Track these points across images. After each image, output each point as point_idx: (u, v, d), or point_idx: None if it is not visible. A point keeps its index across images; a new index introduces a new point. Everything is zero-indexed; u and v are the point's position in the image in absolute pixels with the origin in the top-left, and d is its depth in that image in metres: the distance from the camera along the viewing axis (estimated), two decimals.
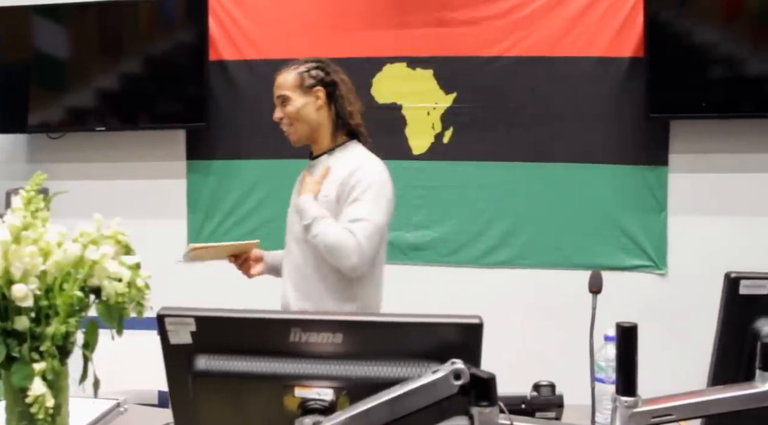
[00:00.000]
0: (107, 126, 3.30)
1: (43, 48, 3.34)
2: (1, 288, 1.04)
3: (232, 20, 3.21)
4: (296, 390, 1.00)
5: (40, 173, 1.14)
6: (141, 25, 3.29)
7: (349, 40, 3.13)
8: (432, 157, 3.11)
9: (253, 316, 1.05)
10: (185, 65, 3.21)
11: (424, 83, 3.09)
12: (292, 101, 2.10)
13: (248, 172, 3.23)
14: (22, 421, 1.13)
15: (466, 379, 0.83)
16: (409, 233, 3.11)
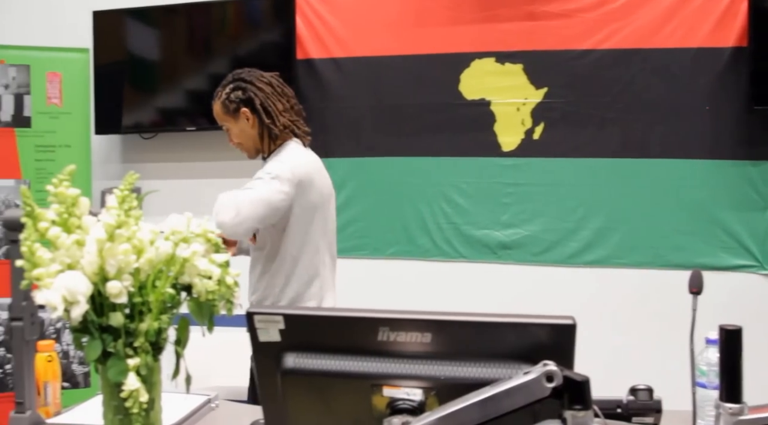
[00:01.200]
0: (197, 126, 3.38)
1: (136, 50, 3.47)
2: (97, 285, 1.06)
3: (320, 19, 3.23)
4: (385, 389, 0.99)
5: (132, 173, 1.17)
6: (229, 26, 3.35)
7: (435, 36, 3.10)
8: (522, 154, 3.03)
9: (340, 315, 1.05)
10: (273, 64, 3.19)
11: (513, 78, 3.02)
12: (232, 129, 2.26)
13: (336, 170, 3.20)
14: (118, 414, 1.16)
15: (558, 381, 0.80)
16: (499, 231, 3.05)
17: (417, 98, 3.12)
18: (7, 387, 3.21)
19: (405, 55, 3.14)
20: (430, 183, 3.12)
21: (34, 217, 1.05)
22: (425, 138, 3.12)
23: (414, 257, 3.16)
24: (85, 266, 1.05)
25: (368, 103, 3.20)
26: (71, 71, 3.32)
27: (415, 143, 3.13)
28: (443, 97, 3.08)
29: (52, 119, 3.29)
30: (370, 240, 3.23)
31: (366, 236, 3.23)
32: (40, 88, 3.27)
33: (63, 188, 1.07)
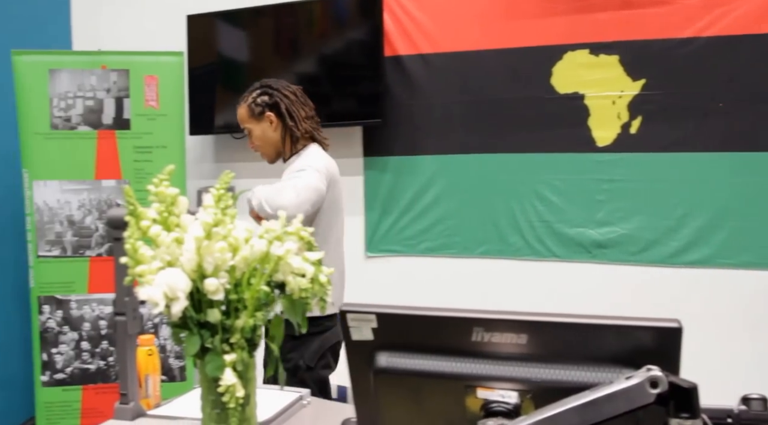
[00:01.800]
0: None
1: (227, 52, 3.56)
2: (195, 282, 1.09)
3: (407, 15, 3.21)
4: (479, 391, 0.97)
5: (228, 172, 1.19)
6: (315, 25, 3.37)
7: (525, 29, 3.02)
8: (618, 149, 2.90)
9: (434, 314, 1.02)
10: (360, 62, 3.24)
11: (608, 70, 2.90)
12: (253, 131, 2.41)
13: (425, 167, 3.22)
14: (215, 409, 1.18)
15: (664, 387, 0.75)
16: (593, 229, 2.94)
17: (507, 93, 3.05)
18: (110, 378, 3.37)
19: (495, 50, 3.07)
20: (521, 180, 3.04)
21: (137, 216, 1.08)
22: (516, 134, 3.05)
23: (505, 256, 3.10)
24: (184, 263, 1.07)
25: (457, 99, 3.15)
26: (167, 74, 3.43)
27: (505, 139, 3.06)
28: (534, 92, 3.00)
29: (149, 120, 3.42)
30: (459, 239, 3.19)
31: (455, 234, 3.19)
32: (139, 92, 3.40)
33: (163, 187, 1.10)
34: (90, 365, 3.36)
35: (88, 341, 3.36)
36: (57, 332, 3.34)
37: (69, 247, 3.36)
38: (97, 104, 3.38)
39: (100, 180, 3.37)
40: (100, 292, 3.37)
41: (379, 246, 3.35)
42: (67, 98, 3.36)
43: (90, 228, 3.37)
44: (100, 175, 3.37)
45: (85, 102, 3.37)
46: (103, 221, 3.38)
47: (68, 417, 3.35)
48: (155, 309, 1.04)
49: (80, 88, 3.37)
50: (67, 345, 3.35)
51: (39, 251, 3.35)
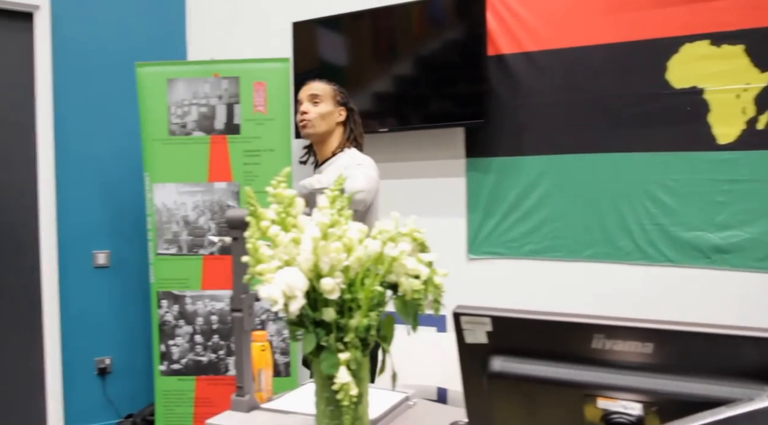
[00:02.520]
0: (388, 127, 3.45)
1: (328, 57, 3.62)
2: (312, 281, 1.11)
3: (511, 12, 3.15)
4: (599, 400, 0.94)
5: (342, 175, 1.21)
6: (415, 26, 3.36)
7: (638, 22, 2.87)
8: (742, 146, 2.69)
9: (552, 319, 1.00)
10: (462, 62, 3.21)
11: (732, 62, 2.70)
12: (323, 104, 2.58)
13: (529, 168, 3.15)
14: (329, 406, 1.21)
15: None
16: (713, 233, 2.75)
17: (617, 90, 2.92)
18: (220, 370, 3.51)
19: (603, 45, 2.95)
20: (632, 181, 2.90)
21: (257, 216, 1.12)
22: (627, 132, 2.91)
23: (614, 260, 2.97)
24: (301, 263, 1.10)
25: (564, 97, 3.06)
26: (274, 80, 3.54)
27: (615, 138, 2.94)
28: (647, 88, 2.85)
29: (257, 125, 3.53)
30: (565, 241, 3.09)
31: (561, 237, 3.10)
32: (248, 98, 3.53)
33: (281, 189, 1.13)
34: (203, 357, 3.51)
35: (201, 334, 3.51)
36: (173, 325, 3.52)
37: (184, 246, 3.53)
38: (210, 111, 3.53)
39: (212, 183, 3.52)
40: (212, 289, 3.52)
41: (482, 248, 3.31)
42: (183, 106, 3.53)
43: (203, 228, 3.53)
44: (212, 178, 3.52)
45: (199, 109, 3.53)
46: (217, 221, 3.52)
47: (183, 405, 3.52)
48: (274, 307, 1.07)
49: (195, 96, 3.53)
50: (182, 337, 3.52)
51: (158, 249, 3.53)
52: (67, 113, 3.77)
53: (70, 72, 3.78)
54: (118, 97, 3.89)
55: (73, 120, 3.79)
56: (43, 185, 3.71)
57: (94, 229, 3.89)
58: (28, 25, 3.70)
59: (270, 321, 3.53)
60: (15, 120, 3.69)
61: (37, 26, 3.69)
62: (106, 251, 3.92)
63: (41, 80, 3.70)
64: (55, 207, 3.74)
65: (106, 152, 3.91)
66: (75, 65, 3.80)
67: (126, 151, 3.91)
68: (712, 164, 2.75)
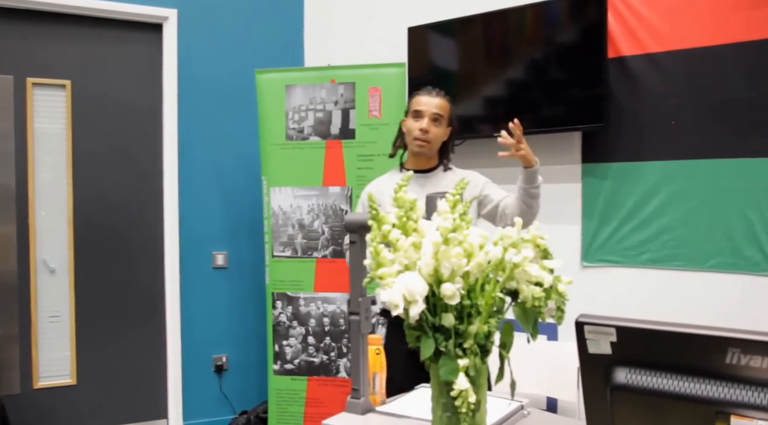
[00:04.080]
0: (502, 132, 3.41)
1: (441, 62, 3.63)
2: (431, 286, 1.11)
3: (633, 12, 3.04)
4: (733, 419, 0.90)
5: (463, 179, 1.21)
6: (529, 30, 3.31)
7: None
8: None
9: (682, 331, 0.96)
10: (579, 65, 3.13)
11: None
12: (443, 127, 2.53)
13: (649, 174, 3.01)
14: (446, 412, 1.20)
15: None
16: None
17: (748, 91, 2.75)
18: (331, 371, 3.58)
19: (733, 44, 2.78)
20: (762, 187, 2.72)
21: (379, 220, 1.14)
22: (755, 136, 2.73)
23: (739, 270, 2.79)
24: (422, 267, 1.10)
25: (688, 100, 2.91)
26: (389, 85, 3.58)
27: (742, 142, 2.76)
28: None
29: (372, 130, 3.59)
30: (686, 250, 2.93)
31: (682, 245, 2.95)
32: (363, 103, 3.59)
33: (402, 193, 1.14)
34: (315, 358, 3.60)
35: (313, 336, 3.60)
36: (287, 326, 3.63)
37: (299, 248, 3.63)
38: (326, 116, 3.62)
39: (327, 187, 3.61)
40: (324, 291, 3.60)
41: (597, 256, 3.20)
42: (300, 111, 3.64)
43: (317, 231, 3.62)
44: (327, 182, 3.61)
45: (315, 114, 3.63)
46: (330, 225, 3.60)
47: (295, 404, 3.62)
48: (395, 311, 1.08)
49: (312, 102, 3.63)
50: (295, 338, 3.62)
51: (274, 251, 3.66)
52: (190, 119, 3.98)
53: (195, 80, 3.99)
54: (238, 104, 4.07)
55: (196, 126, 4.00)
56: (168, 188, 3.94)
57: (213, 231, 4.07)
58: (158, 35, 3.94)
59: (380, 324, 3.57)
60: (144, 126, 3.93)
61: (165, 37, 3.93)
62: (224, 252, 4.09)
63: (168, 88, 3.93)
64: (178, 210, 3.95)
65: (226, 157, 4.09)
66: (199, 73, 4.00)
67: (245, 155, 4.07)
68: None
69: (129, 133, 3.89)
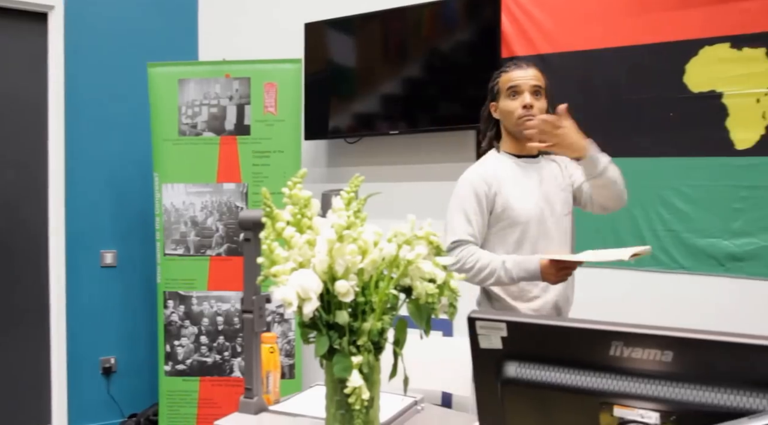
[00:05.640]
0: (399, 130, 3.43)
1: (338, 58, 3.61)
2: (326, 284, 1.10)
3: (525, 14, 3.13)
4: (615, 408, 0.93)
5: (358, 176, 1.20)
6: (426, 28, 3.34)
7: (656, 24, 2.83)
8: (761, 152, 2.64)
9: (569, 325, 0.99)
10: (475, 65, 3.19)
11: (752, 65, 2.64)
12: (543, 99, 2.18)
13: None
14: (340, 409, 1.19)
15: None
16: (728, 240, 2.70)
17: (632, 94, 2.88)
18: (225, 371, 3.50)
19: (620, 47, 2.91)
20: (645, 186, 2.85)
21: (273, 217, 1.11)
22: (640, 137, 2.87)
23: (625, 266, 2.93)
24: (316, 265, 1.08)
25: (579, 101, 3.00)
26: (285, 81, 3.53)
27: (628, 142, 2.89)
28: (664, 92, 2.81)
29: (267, 126, 3.53)
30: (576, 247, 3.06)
31: None
32: (258, 98, 3.53)
33: (297, 190, 1.12)
34: (207, 358, 3.50)
35: (206, 335, 3.51)
36: (179, 325, 3.51)
37: (192, 246, 3.52)
38: (221, 111, 3.53)
39: (221, 183, 3.52)
40: (218, 289, 3.51)
41: None
42: (193, 106, 3.53)
43: (211, 229, 3.52)
44: (221, 178, 3.52)
45: (209, 109, 3.53)
46: (225, 222, 3.51)
47: (187, 405, 3.52)
48: (288, 309, 1.06)
49: (206, 97, 3.53)
50: (187, 338, 3.51)
51: (165, 249, 3.53)
52: (78, 113, 3.78)
53: (82, 72, 3.79)
54: (129, 97, 3.90)
55: (84, 120, 3.81)
56: (53, 185, 3.72)
57: (102, 229, 3.89)
58: (43, 25, 3.71)
59: (276, 322, 3.53)
60: (27, 119, 3.70)
61: (51, 27, 3.71)
62: (113, 250, 3.92)
63: (53, 80, 3.72)
64: (64, 206, 3.75)
65: (115, 152, 3.91)
66: (87, 65, 3.81)
67: (136, 151, 3.91)
68: (730, 169, 2.70)
69: (11, 127, 3.65)
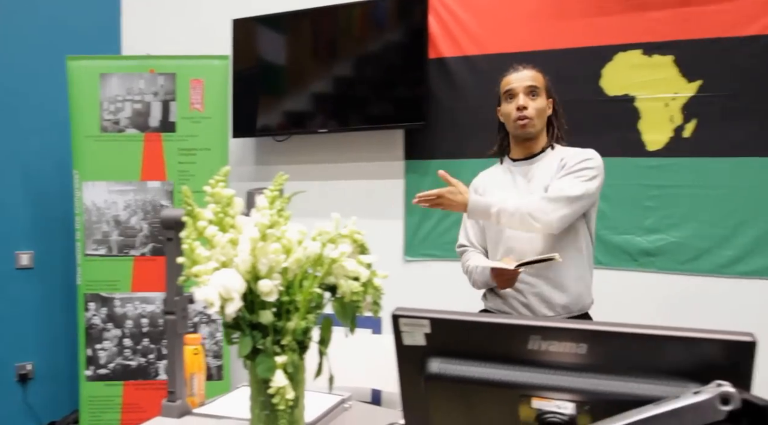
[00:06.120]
0: (328, 128, 3.43)
1: (268, 56, 3.57)
2: (249, 283, 1.09)
3: (452, 16, 3.18)
4: (534, 401, 0.95)
5: (281, 174, 1.19)
6: (356, 28, 3.36)
7: (575, 29, 2.96)
8: (670, 153, 2.80)
9: (490, 321, 1.01)
10: (403, 65, 3.22)
11: (662, 71, 2.80)
12: (540, 98, 2.20)
13: (468, 171, 3.15)
14: (264, 410, 1.18)
15: (736, 405, 0.71)
16: (641, 236, 2.85)
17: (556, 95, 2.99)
18: (150, 374, 3.42)
19: (542, 51, 3.01)
20: None
21: (194, 216, 1.09)
22: None
23: None
24: (239, 264, 1.07)
25: None
26: (212, 78, 3.47)
27: None
28: (582, 94, 2.92)
29: (194, 123, 3.46)
30: None
31: None
32: (185, 95, 3.45)
33: (219, 188, 1.11)
34: (131, 361, 3.41)
35: (131, 338, 3.41)
36: (101, 328, 3.40)
37: (114, 246, 3.42)
38: (145, 107, 3.44)
39: (145, 182, 3.43)
40: (143, 291, 3.42)
41: (419, 250, 3.33)
42: (116, 102, 3.42)
43: (135, 228, 3.43)
44: (145, 176, 3.42)
45: (133, 105, 3.43)
46: (149, 221, 3.43)
47: (110, 411, 3.41)
48: (210, 310, 1.05)
49: (129, 92, 3.43)
50: (110, 341, 3.40)
51: (86, 249, 3.41)
52: None
53: None
54: (47, 92, 3.74)
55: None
56: None
57: (17, 229, 3.72)
58: None
59: (203, 323, 3.46)
60: None
61: None
62: (29, 251, 3.75)
63: None
64: None
65: (32, 149, 3.75)
66: (2, 58, 3.63)
67: (55, 148, 3.76)
68: (642, 169, 2.84)
69: None
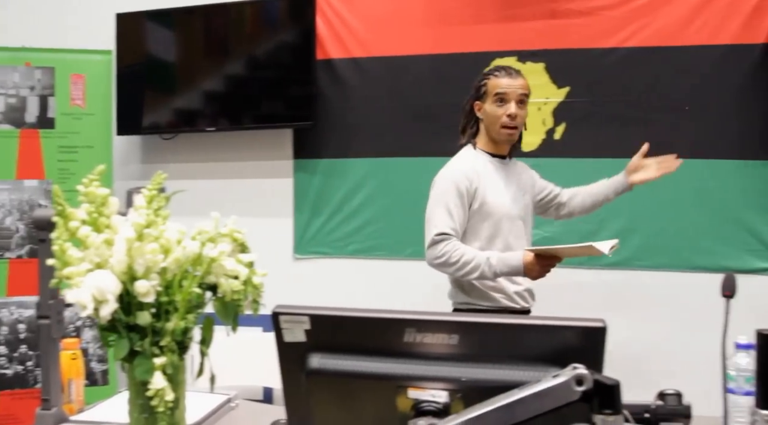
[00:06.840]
0: (216, 127, 3.39)
1: (156, 52, 3.48)
2: (125, 284, 1.07)
3: (340, 19, 3.23)
4: (410, 391, 0.99)
5: (160, 173, 1.18)
6: (247, 26, 3.34)
7: (456, 35, 3.08)
8: (542, 154, 2.98)
9: (367, 315, 1.04)
10: (292, 65, 3.24)
11: (534, 77, 2.92)
12: (525, 107, 2.30)
13: (355, 170, 3.25)
14: (143, 413, 1.17)
15: (588, 385, 0.79)
16: None
17: (436, 98, 3.09)
18: (28, 383, 3.25)
19: (426, 55, 3.12)
20: None
21: (65, 216, 1.06)
22: (444, 139, 3.05)
23: None
24: (114, 265, 1.05)
25: (389, 103, 3.18)
26: (94, 73, 3.35)
27: (433, 143, 3.06)
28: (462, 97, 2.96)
29: (75, 120, 3.33)
30: (387, 241, 3.22)
31: (384, 236, 3.22)
32: (64, 90, 3.30)
33: (93, 187, 1.08)
34: (7, 370, 3.23)
35: (6, 345, 3.23)
36: None
37: None
38: (20, 102, 3.27)
39: (21, 180, 3.26)
40: (20, 295, 3.25)
41: (308, 248, 3.36)
42: None
43: (10, 229, 3.25)
44: (21, 175, 3.26)
45: (7, 100, 3.26)
46: (26, 222, 3.26)
47: None
48: (83, 312, 1.02)
49: (2, 86, 3.26)
50: None
51: None
52: None
53: None
54: None
55: None
56: None
57: None
58: None
59: (86, 327, 3.33)
60: None
61: None
62: None
63: None
64: None
65: None
66: None
67: None
68: None
69: None
